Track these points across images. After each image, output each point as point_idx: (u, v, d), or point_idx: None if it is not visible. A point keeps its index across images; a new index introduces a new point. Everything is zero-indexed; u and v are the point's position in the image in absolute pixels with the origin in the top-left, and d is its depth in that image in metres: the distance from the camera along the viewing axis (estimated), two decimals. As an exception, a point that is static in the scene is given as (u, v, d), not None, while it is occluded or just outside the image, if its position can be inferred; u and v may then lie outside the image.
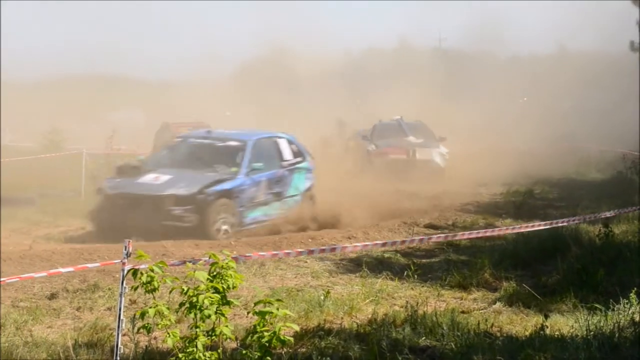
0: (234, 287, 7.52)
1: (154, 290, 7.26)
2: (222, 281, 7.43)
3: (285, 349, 8.43)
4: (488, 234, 11.74)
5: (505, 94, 55.23)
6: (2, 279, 9.17)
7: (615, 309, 10.02)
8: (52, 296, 11.72)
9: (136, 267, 7.44)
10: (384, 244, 11.83)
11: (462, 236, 11.07)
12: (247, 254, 11.44)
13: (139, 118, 61.83)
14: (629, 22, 27.66)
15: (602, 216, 13.92)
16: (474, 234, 11.31)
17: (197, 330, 7.18)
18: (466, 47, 71.14)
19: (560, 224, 13.37)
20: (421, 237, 11.35)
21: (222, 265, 7.49)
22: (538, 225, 13.19)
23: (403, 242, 10.90)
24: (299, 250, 11.35)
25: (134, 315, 7.91)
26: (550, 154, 35.87)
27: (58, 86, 78.43)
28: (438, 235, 10.98)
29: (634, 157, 26.97)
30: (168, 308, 7.29)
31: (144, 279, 7.26)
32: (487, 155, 33.16)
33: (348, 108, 45.14)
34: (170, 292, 7.89)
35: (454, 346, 9.11)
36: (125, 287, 8.18)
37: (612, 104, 46.76)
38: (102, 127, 43.15)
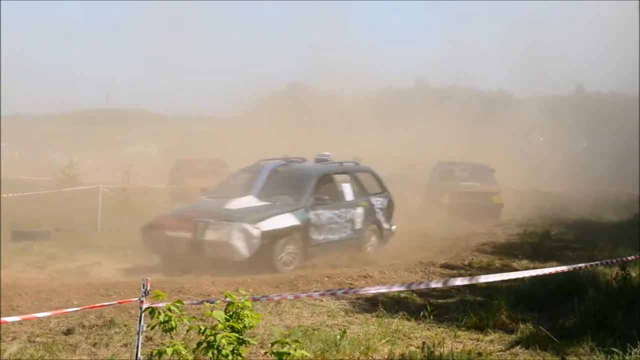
0: (250, 327, 7.53)
1: (172, 329, 7.28)
2: (239, 321, 7.44)
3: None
4: (512, 276, 11.71)
5: (523, 133, 55.33)
6: (4, 318, 9.14)
7: (633, 353, 9.97)
8: (69, 332, 11.70)
9: (154, 306, 7.45)
10: (409, 286, 11.82)
11: (485, 279, 11.02)
12: (267, 295, 11.41)
13: (155, 153, 62.15)
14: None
15: (623, 259, 13.82)
16: (497, 277, 11.28)
17: (214, 370, 7.19)
18: (484, 86, 71.35)
19: (580, 266, 13.28)
20: (445, 280, 11.34)
21: (239, 305, 7.50)
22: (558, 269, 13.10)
23: (428, 284, 10.88)
24: (320, 292, 11.31)
25: (151, 353, 7.91)
26: (568, 195, 35.86)
27: (75, 120, 78.92)
28: (462, 278, 10.94)
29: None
30: (185, 347, 7.30)
31: (161, 318, 7.28)
32: (503, 195, 33.13)
33: (366, 145, 45.12)
34: (188, 331, 7.88)
35: (470, 389, 9.07)
36: (142, 325, 8.18)
37: (628, 146, 46.71)
38: (119, 161, 43.40)
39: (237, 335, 7.24)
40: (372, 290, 11.25)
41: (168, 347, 7.20)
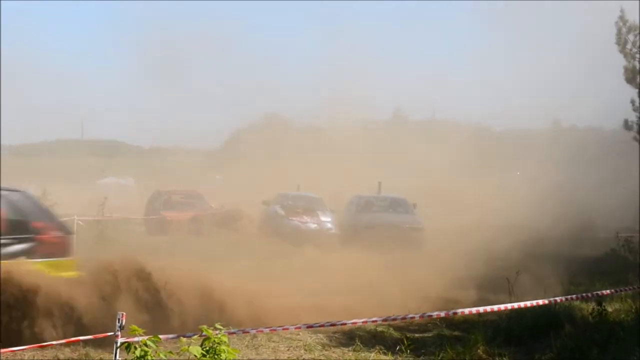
0: (227, 362, 7.46)
1: (148, 365, 7.20)
2: (216, 356, 7.37)
3: None
4: (488, 309, 11.72)
5: (499, 167, 55.42)
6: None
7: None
8: (43, 366, 11.55)
9: (129, 341, 7.38)
10: (384, 319, 11.75)
11: (462, 313, 11.04)
12: (243, 329, 11.30)
13: (130, 184, 61.99)
14: (622, 100, 27.83)
15: (599, 294, 13.86)
16: (474, 309, 11.28)
17: (190, 406, 7.12)
18: (460, 119, 71.52)
19: (556, 300, 13.28)
20: (421, 314, 11.30)
21: (215, 340, 7.44)
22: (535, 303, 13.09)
23: (404, 317, 10.86)
24: (297, 325, 11.23)
25: (127, 388, 7.81)
26: (544, 229, 35.83)
27: (49, 150, 78.66)
28: (437, 313, 10.93)
29: (627, 235, 27.01)
30: (161, 383, 7.22)
31: (137, 353, 7.20)
32: (479, 229, 33.06)
33: (347, 177, 45.05)
34: (164, 367, 7.78)
35: None
36: (118, 361, 8.08)
37: (605, 181, 46.92)
38: (94, 192, 43.17)
39: (213, 371, 7.18)
40: (349, 322, 11.18)
41: (144, 382, 7.13)
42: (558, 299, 12.91)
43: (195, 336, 7.88)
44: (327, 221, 32.39)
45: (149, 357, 7.18)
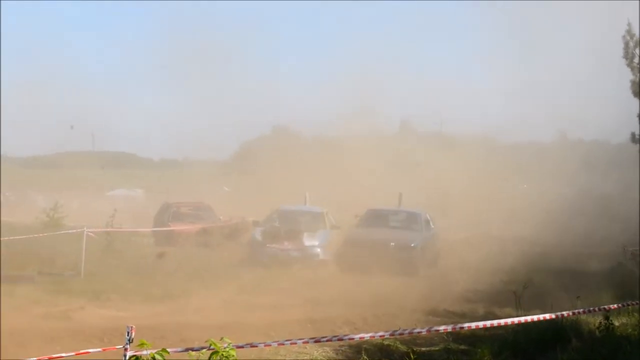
0: (235, 376, 7.52)
1: (156, 378, 7.27)
2: (223, 370, 7.44)
3: None
4: (495, 323, 11.74)
5: (506, 179, 55.44)
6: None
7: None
8: (51, 378, 11.56)
9: (138, 354, 7.45)
10: (391, 333, 11.80)
11: (469, 327, 11.08)
12: (251, 342, 11.37)
13: (139, 196, 62.14)
14: (630, 113, 27.85)
15: (607, 308, 13.86)
16: (481, 324, 11.32)
17: (199, 420, 7.18)
18: (467, 132, 71.30)
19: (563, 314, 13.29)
20: (428, 328, 11.37)
21: (223, 354, 7.51)
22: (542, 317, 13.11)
23: (411, 331, 10.90)
24: (304, 339, 11.30)
25: (135, 402, 7.87)
26: (551, 242, 35.82)
27: (60, 162, 78.82)
28: (445, 327, 10.98)
29: (635, 249, 26.96)
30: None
31: (146, 366, 7.27)
32: (486, 242, 33.09)
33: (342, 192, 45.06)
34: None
35: None
36: (127, 373, 8.13)
37: (612, 194, 46.87)
38: (103, 204, 43.28)
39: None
40: (356, 336, 11.21)
41: (152, 396, 7.19)
42: (565, 313, 12.93)
43: (204, 349, 7.94)
44: (313, 246, 29.53)
45: (158, 371, 7.27)
